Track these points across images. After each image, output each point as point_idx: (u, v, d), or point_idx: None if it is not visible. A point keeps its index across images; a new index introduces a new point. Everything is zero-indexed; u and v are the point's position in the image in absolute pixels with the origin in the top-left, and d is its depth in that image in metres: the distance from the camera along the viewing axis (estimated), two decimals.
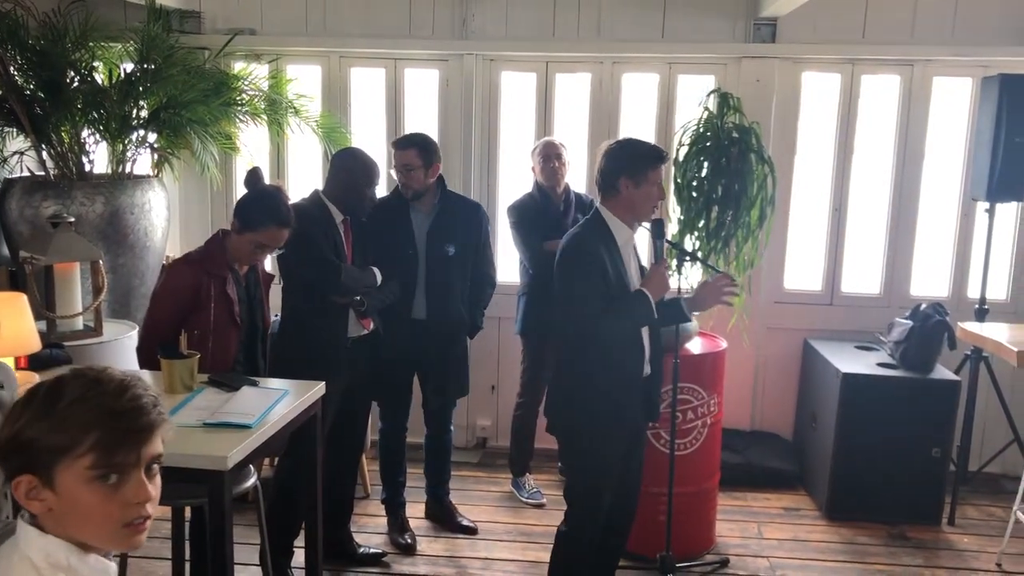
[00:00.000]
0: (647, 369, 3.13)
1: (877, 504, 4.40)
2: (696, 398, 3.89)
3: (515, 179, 5.00)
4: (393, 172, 3.91)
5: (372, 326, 3.75)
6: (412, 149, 3.84)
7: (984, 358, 4.52)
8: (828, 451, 4.47)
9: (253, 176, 3.23)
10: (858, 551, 4.13)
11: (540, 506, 4.53)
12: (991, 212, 4.47)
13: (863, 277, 5.11)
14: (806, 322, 5.07)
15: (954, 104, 4.91)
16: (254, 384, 2.91)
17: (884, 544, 4.20)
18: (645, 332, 3.10)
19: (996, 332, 3.83)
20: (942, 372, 4.43)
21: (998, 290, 4.98)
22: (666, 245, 3.26)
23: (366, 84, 5.19)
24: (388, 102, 5.16)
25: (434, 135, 5.14)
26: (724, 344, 4.12)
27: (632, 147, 3.08)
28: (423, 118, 5.13)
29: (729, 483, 4.51)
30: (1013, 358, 3.49)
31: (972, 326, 4.01)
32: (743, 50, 4.85)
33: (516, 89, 5.12)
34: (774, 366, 5.14)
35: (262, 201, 3.14)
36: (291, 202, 3.30)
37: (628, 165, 3.01)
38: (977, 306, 4.59)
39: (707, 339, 4.19)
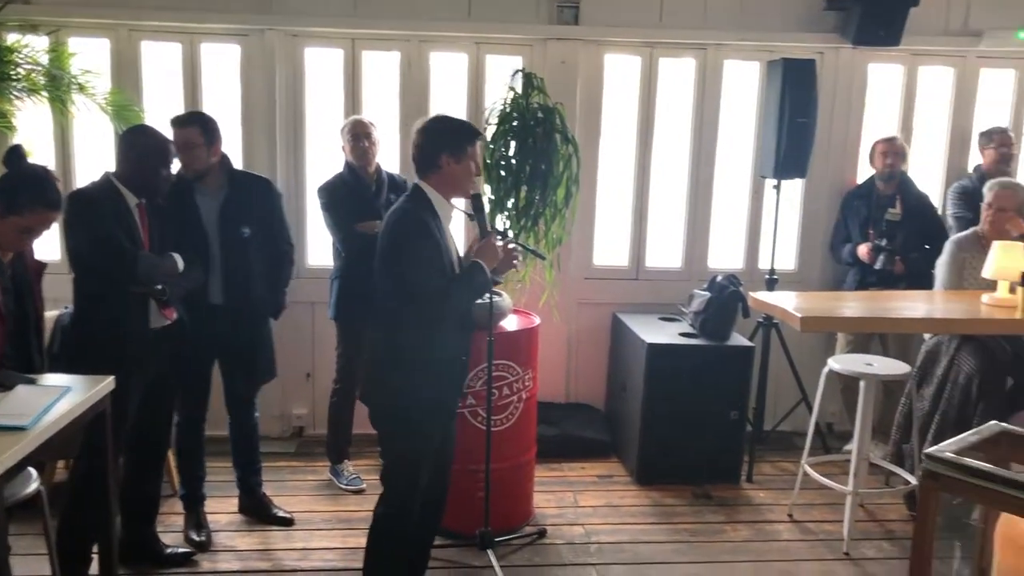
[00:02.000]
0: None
1: (683, 466, 4.62)
2: (511, 374, 3.94)
3: (324, 159, 4.87)
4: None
5: (175, 315, 3.56)
6: (193, 127, 3.69)
7: (774, 325, 4.86)
8: (637, 419, 4.67)
9: (14, 154, 2.96)
10: (666, 512, 4.34)
11: (360, 492, 4.47)
12: (778, 188, 4.79)
13: (666, 252, 5.36)
14: (614, 296, 5.26)
15: (744, 87, 5.21)
16: (31, 382, 2.68)
17: (689, 504, 4.44)
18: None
19: (784, 300, 4.10)
20: (738, 339, 4.72)
21: (787, 261, 5.34)
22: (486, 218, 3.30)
23: (160, 60, 4.89)
24: (185, 79, 4.89)
25: (236, 114, 4.96)
26: (537, 320, 4.19)
27: (450, 123, 3.08)
28: (223, 96, 4.90)
29: (545, 455, 4.62)
30: (797, 323, 3.75)
31: (763, 295, 4.28)
32: (548, 32, 4.94)
33: (322, 66, 4.98)
34: (586, 340, 5.30)
35: (27, 182, 2.88)
36: (80, 186, 3.06)
37: (450, 141, 3.01)
38: (767, 276, 4.91)
39: (521, 316, 4.26)
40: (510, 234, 3.99)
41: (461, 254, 3.17)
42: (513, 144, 4.10)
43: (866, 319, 4.11)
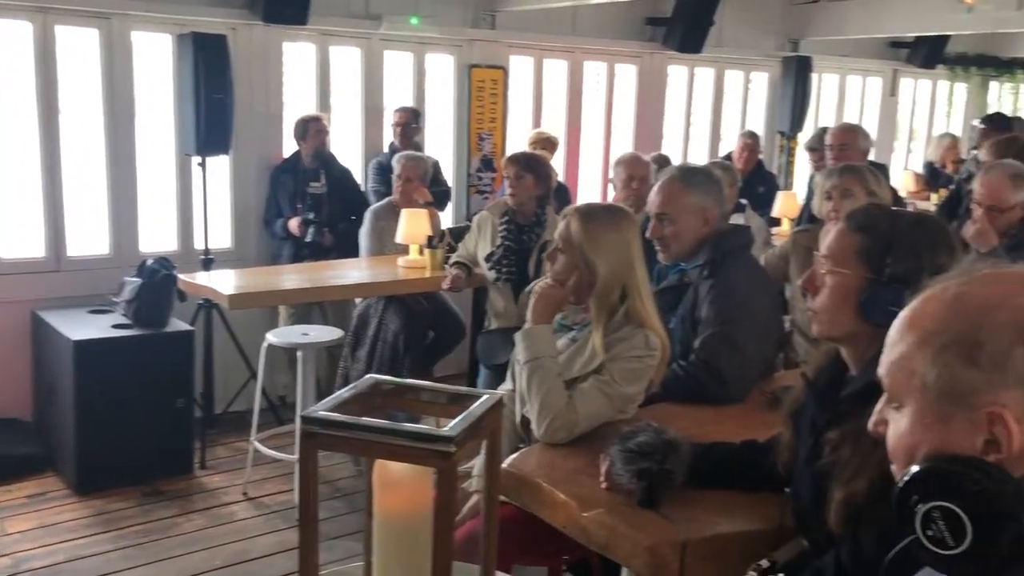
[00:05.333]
0: None
1: (130, 467, 4.31)
2: None
3: None
4: None
5: None
6: None
7: (215, 305, 4.76)
8: (70, 425, 4.23)
9: None
10: (111, 519, 4.02)
11: None
12: (203, 166, 4.68)
13: (91, 238, 4.92)
14: (32, 292, 4.68)
15: (159, 61, 4.97)
16: None
17: (139, 504, 4.17)
18: None
19: (216, 280, 4.04)
20: (177, 324, 4.53)
21: (223, 239, 5.27)
22: None
23: None
24: None
25: None
26: None
27: None
28: None
29: None
30: (225, 302, 3.72)
31: (195, 276, 4.16)
32: None
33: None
34: (1, 345, 4.64)
35: None
36: None
37: None
38: (203, 256, 4.79)
39: None
40: None
41: None
42: None
43: (290, 291, 4.24)
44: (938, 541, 0.97)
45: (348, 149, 5.68)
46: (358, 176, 5.57)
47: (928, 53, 8.27)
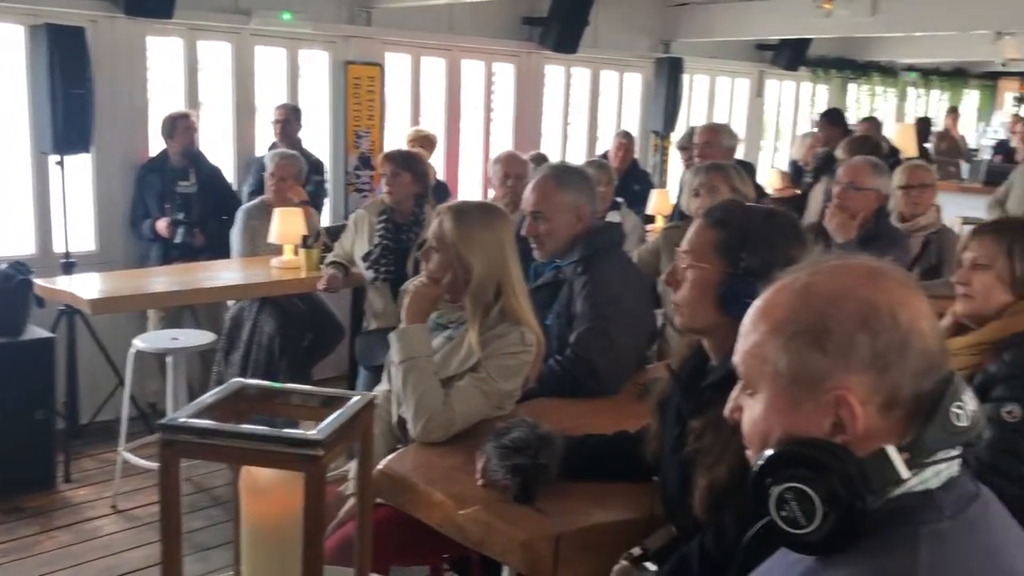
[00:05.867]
0: None
1: None
2: None
3: None
4: None
5: None
6: None
7: (78, 311, 4.53)
8: None
9: None
10: None
11: None
12: (62, 164, 4.45)
13: None
14: None
15: (11, 53, 4.69)
16: None
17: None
18: None
19: (77, 284, 3.85)
20: (35, 332, 4.28)
21: (86, 242, 5.02)
22: None
23: None
24: None
25: None
26: None
27: None
28: None
29: None
30: (87, 307, 3.55)
31: (54, 281, 3.96)
32: None
33: None
34: None
35: None
36: None
37: None
38: (63, 260, 4.56)
39: None
40: None
41: None
42: None
43: (159, 294, 4.08)
44: (791, 521, 1.01)
45: (219, 147, 5.51)
46: (229, 175, 5.41)
47: (791, 56, 8.65)
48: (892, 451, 1.01)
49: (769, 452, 1.05)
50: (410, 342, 2.36)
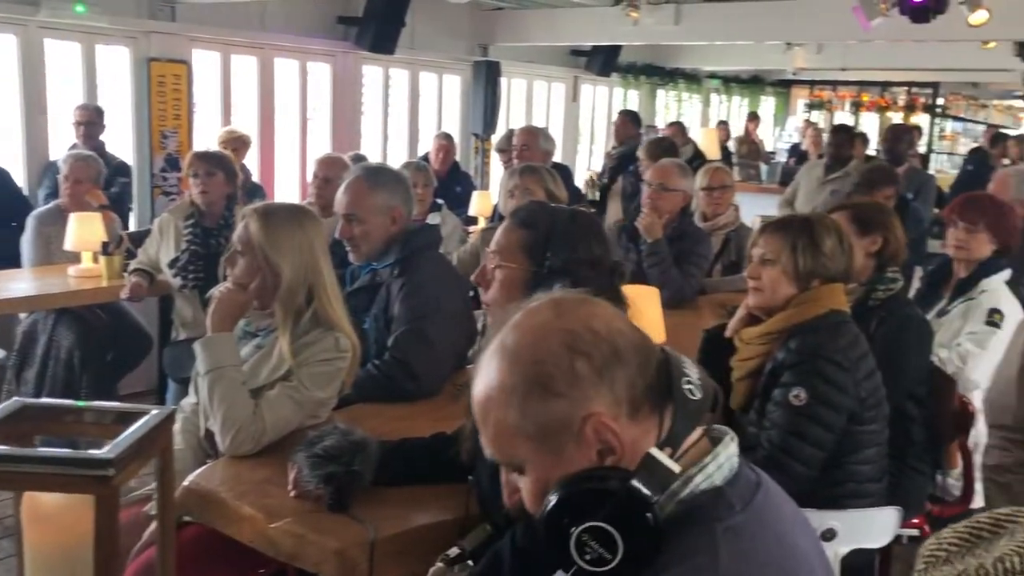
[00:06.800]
0: None
1: None
2: None
3: None
4: None
5: None
6: None
7: None
8: None
9: None
10: None
11: None
12: None
13: None
14: None
15: None
16: None
17: None
18: None
19: None
20: None
21: None
22: None
23: None
24: None
25: None
26: None
27: None
28: None
29: None
30: None
31: None
32: None
33: None
34: None
35: None
36: None
37: None
38: None
39: None
40: None
41: None
42: None
43: None
44: (598, 561, 1.00)
45: (5, 148, 5.09)
46: (19, 179, 5.01)
47: (603, 62, 8.97)
48: (655, 451, 1.04)
49: (551, 499, 1.02)
50: (216, 351, 2.26)
